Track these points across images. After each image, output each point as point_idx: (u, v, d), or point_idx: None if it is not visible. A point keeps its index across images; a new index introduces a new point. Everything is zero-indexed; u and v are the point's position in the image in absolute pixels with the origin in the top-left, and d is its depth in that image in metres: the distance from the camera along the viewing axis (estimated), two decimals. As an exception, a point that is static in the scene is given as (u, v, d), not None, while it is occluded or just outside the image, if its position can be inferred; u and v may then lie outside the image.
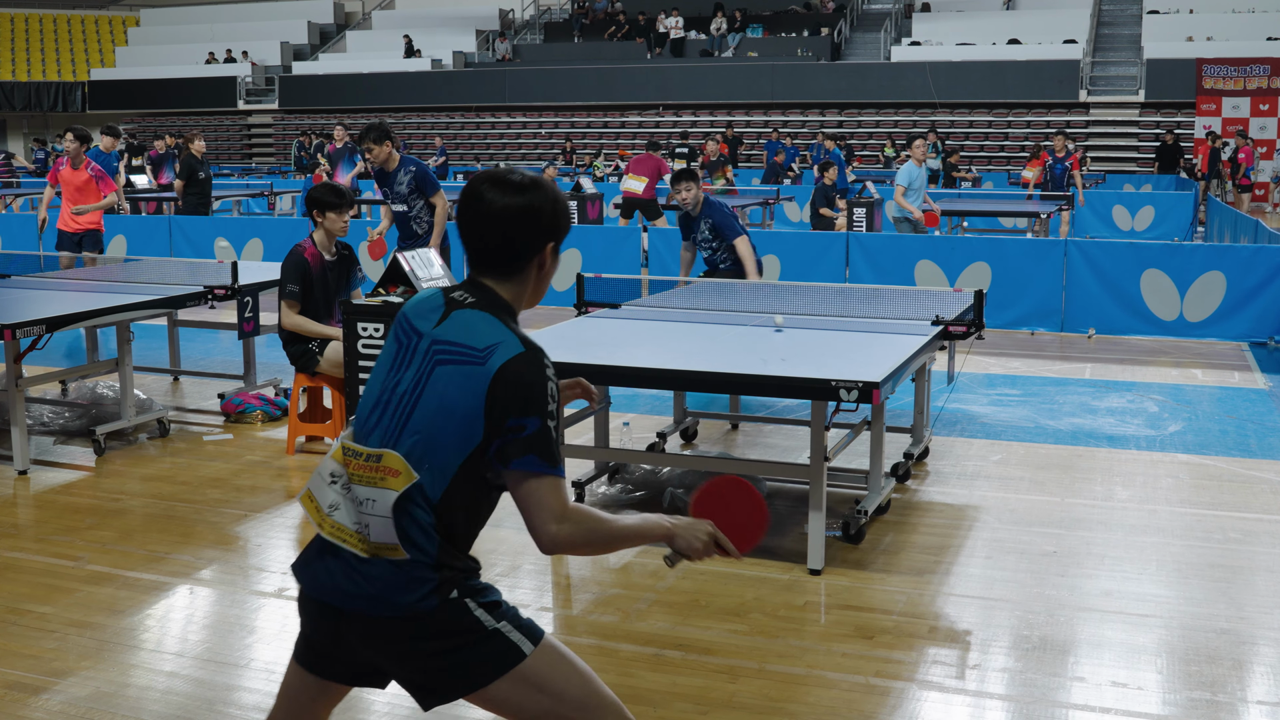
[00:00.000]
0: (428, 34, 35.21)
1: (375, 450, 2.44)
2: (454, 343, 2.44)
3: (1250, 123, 25.56)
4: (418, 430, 2.41)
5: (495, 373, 2.37)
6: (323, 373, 6.68)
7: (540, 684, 2.48)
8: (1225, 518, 5.56)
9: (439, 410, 2.40)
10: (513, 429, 2.38)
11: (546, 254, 2.52)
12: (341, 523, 2.46)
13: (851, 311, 6.35)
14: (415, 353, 2.48)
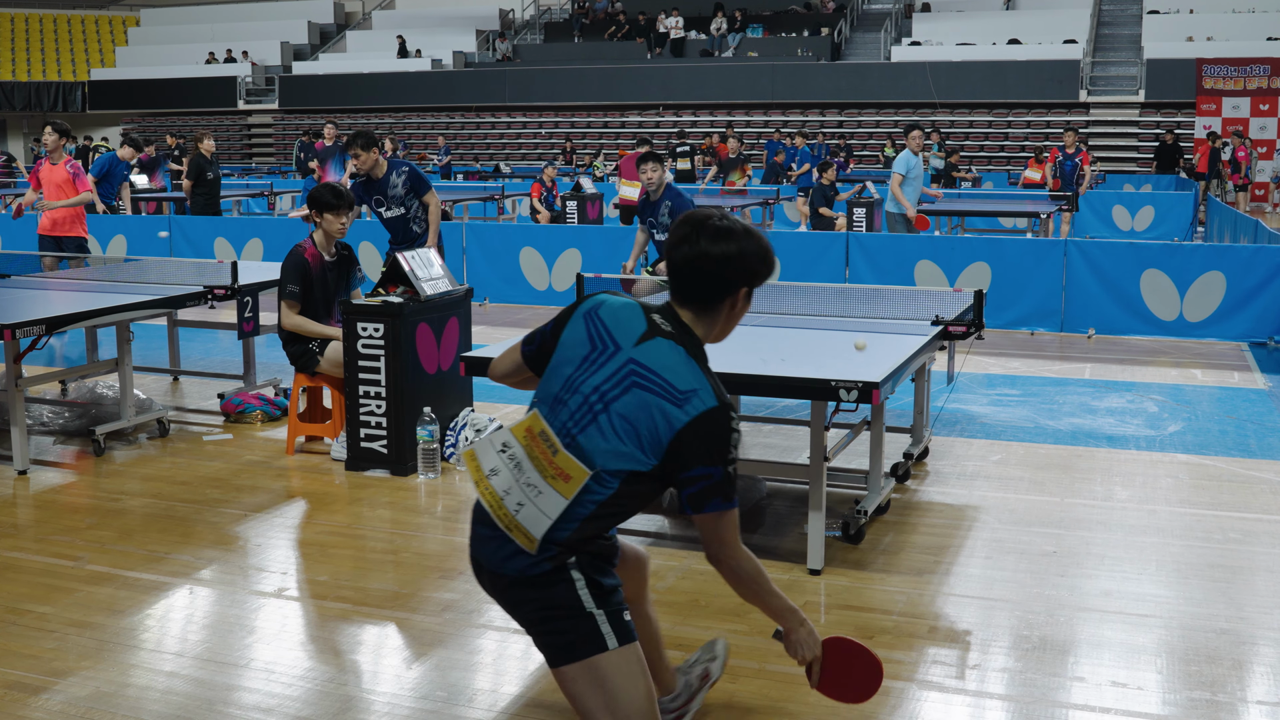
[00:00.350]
0: (428, 34, 35.22)
1: (555, 443, 2.69)
2: (654, 372, 2.66)
3: (1250, 123, 25.57)
4: (599, 436, 2.66)
5: (690, 421, 2.61)
6: (323, 373, 6.68)
7: (604, 682, 2.66)
8: (1225, 518, 5.56)
9: (626, 430, 2.64)
10: (701, 476, 2.63)
11: (740, 296, 2.78)
12: (495, 489, 2.73)
13: (851, 311, 6.35)
14: (610, 361, 2.72)
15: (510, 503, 2.71)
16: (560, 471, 2.67)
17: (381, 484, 6.12)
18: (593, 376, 2.70)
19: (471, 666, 4.08)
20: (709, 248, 2.72)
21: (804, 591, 4.69)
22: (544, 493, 2.68)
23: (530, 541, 2.69)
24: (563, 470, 2.67)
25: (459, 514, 5.71)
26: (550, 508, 2.67)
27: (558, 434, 2.69)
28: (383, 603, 4.59)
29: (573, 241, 12.35)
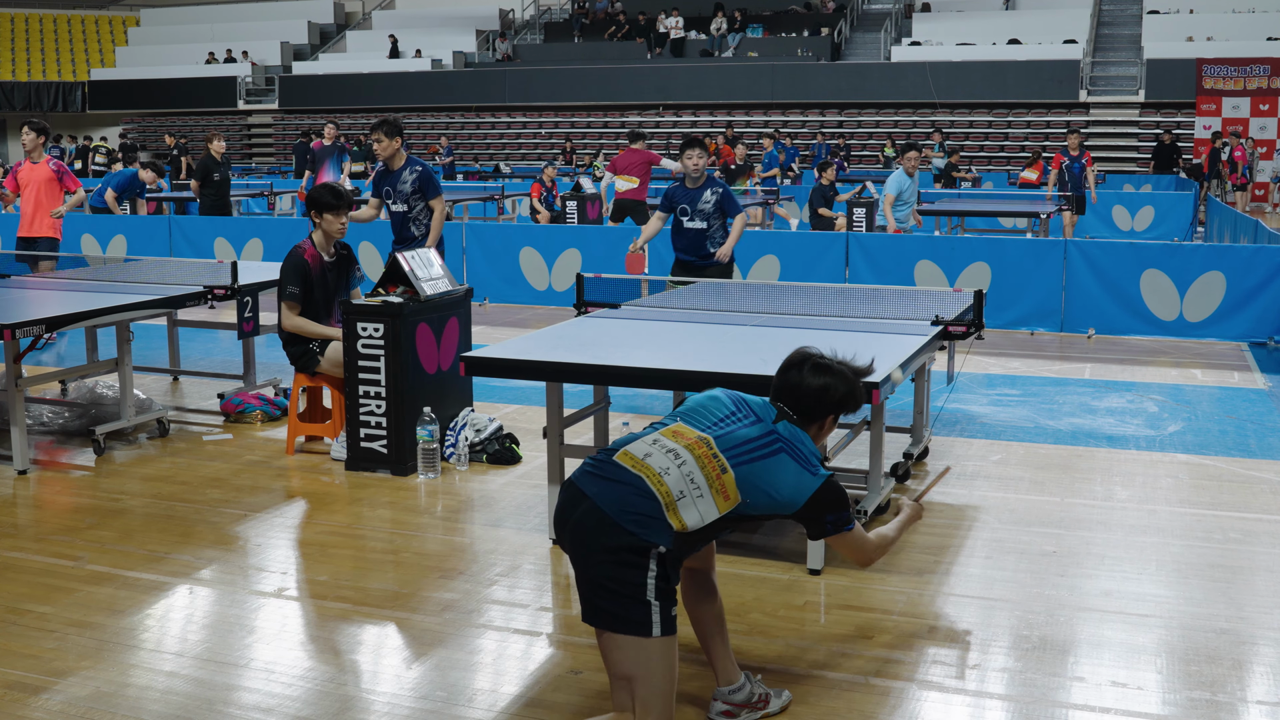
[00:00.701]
0: (428, 34, 35.22)
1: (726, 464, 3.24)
2: (795, 444, 3.33)
3: (1250, 123, 25.57)
4: (747, 481, 3.23)
5: (822, 484, 3.30)
6: (323, 373, 6.68)
7: (639, 659, 3.13)
8: (1225, 518, 5.56)
9: (769, 483, 3.26)
10: (833, 521, 3.36)
11: (828, 421, 3.49)
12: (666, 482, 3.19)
13: (851, 311, 6.35)
14: (755, 426, 3.34)
15: (673, 484, 3.18)
16: (724, 489, 3.21)
17: (381, 484, 6.12)
18: (742, 431, 3.32)
19: (471, 666, 4.08)
20: (810, 379, 3.43)
21: (804, 591, 4.69)
22: (705, 497, 3.20)
23: (682, 525, 3.17)
24: (725, 489, 3.22)
25: (459, 514, 5.72)
26: (707, 512, 3.20)
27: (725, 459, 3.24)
28: (383, 603, 4.59)
29: (572, 241, 12.35)
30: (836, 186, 16.36)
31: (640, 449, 3.26)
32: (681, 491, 3.17)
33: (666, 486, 3.17)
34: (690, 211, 8.23)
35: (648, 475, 3.19)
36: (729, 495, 3.20)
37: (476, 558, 5.09)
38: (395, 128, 8.40)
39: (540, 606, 4.60)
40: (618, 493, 3.16)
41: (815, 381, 3.42)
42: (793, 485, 3.27)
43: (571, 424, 5.43)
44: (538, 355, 5.07)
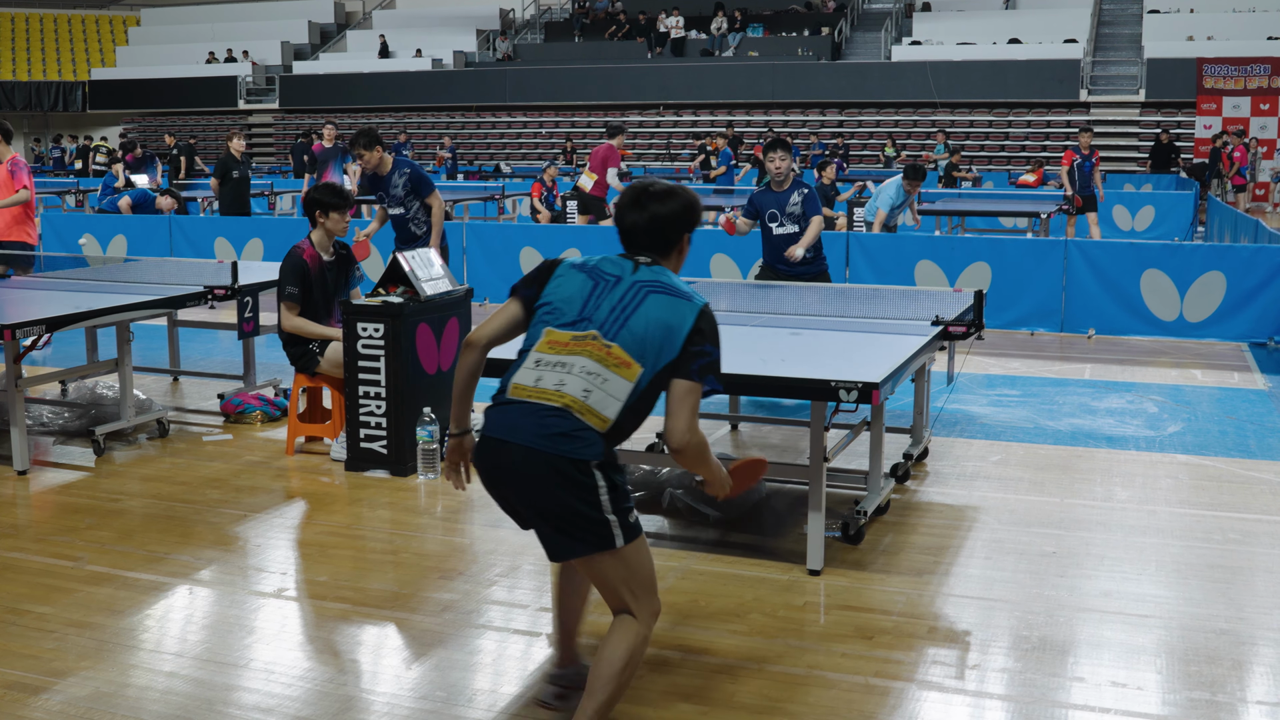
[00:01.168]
0: (428, 34, 35.22)
1: (608, 342, 3.22)
2: (659, 282, 3.31)
3: (1250, 122, 25.56)
4: (633, 336, 3.22)
5: (701, 309, 3.27)
6: (323, 373, 6.68)
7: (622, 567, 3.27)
8: (1225, 518, 5.56)
9: (655, 324, 3.23)
10: (708, 353, 3.25)
11: (685, 241, 3.46)
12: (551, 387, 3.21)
13: (851, 311, 6.35)
14: (615, 288, 3.31)
15: (574, 390, 3.19)
16: (621, 360, 3.21)
17: (381, 484, 6.12)
18: (606, 300, 3.29)
19: (471, 666, 4.08)
20: (659, 209, 3.38)
21: (804, 592, 4.69)
22: (610, 379, 3.20)
23: (603, 420, 3.19)
24: (622, 359, 3.21)
25: (459, 514, 5.72)
26: (618, 389, 3.20)
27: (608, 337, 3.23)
28: (383, 603, 4.59)
29: (573, 241, 12.35)
30: (838, 186, 16.34)
31: (528, 377, 3.26)
32: (586, 389, 3.19)
33: (569, 396, 3.19)
34: (779, 216, 7.85)
35: (547, 397, 3.21)
36: (628, 363, 3.20)
37: (476, 558, 5.09)
38: (373, 138, 8.43)
39: (540, 606, 4.60)
40: (534, 424, 3.19)
41: (664, 208, 3.39)
42: (672, 316, 3.25)
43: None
44: (537, 355, 5.06)
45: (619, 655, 3.27)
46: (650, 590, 3.34)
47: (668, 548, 5.22)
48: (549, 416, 3.18)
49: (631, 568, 3.29)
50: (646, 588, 3.33)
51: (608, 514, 3.21)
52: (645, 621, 3.33)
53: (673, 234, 3.41)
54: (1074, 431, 7.14)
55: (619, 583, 3.30)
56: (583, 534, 3.21)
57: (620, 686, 3.28)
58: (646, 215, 3.38)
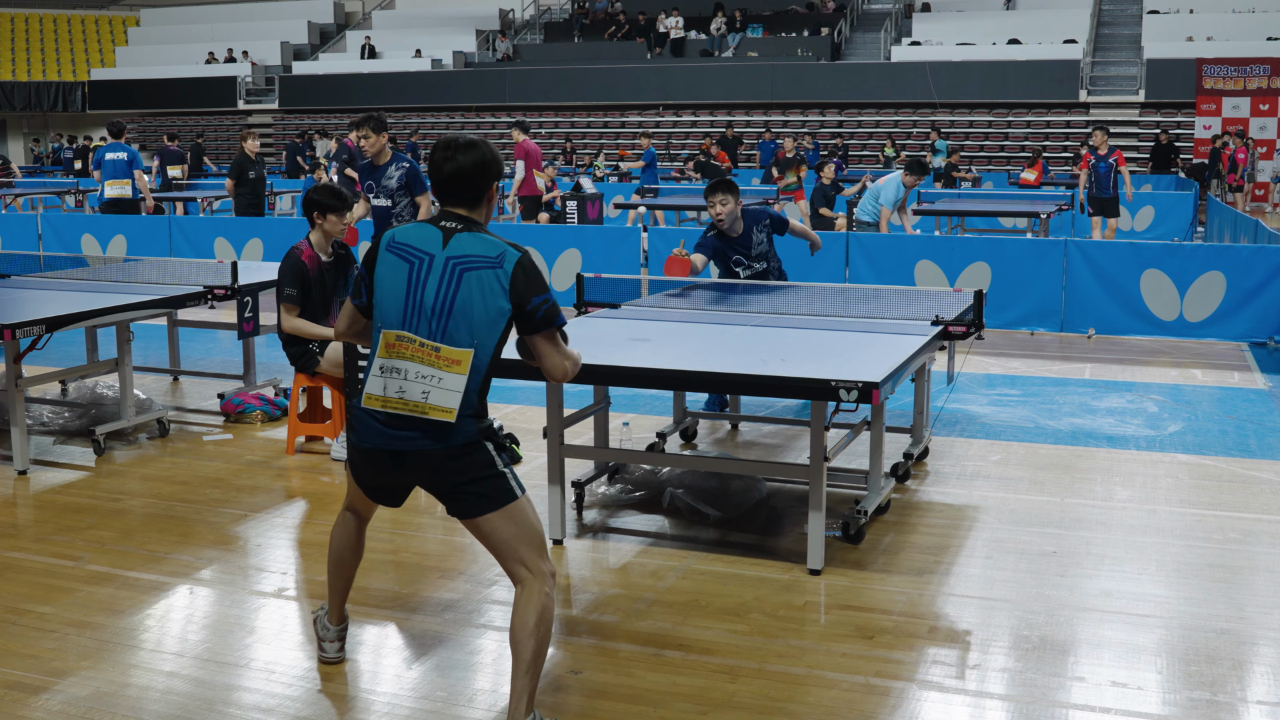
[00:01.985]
0: (428, 34, 35.21)
1: (433, 343, 3.41)
2: (470, 255, 3.43)
3: (1250, 123, 25.56)
4: (462, 321, 3.40)
5: (514, 269, 3.41)
6: (323, 373, 6.68)
7: (516, 520, 3.51)
8: (1225, 518, 5.56)
9: (477, 306, 3.40)
10: (541, 304, 3.45)
11: (493, 190, 3.60)
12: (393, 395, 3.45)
13: (851, 311, 6.35)
14: (432, 269, 3.45)
15: (414, 394, 3.43)
16: (450, 359, 3.41)
17: (381, 484, 6.11)
18: (428, 288, 3.44)
19: (471, 666, 4.08)
20: (464, 159, 3.53)
21: (804, 591, 4.69)
22: (443, 378, 3.42)
23: (449, 413, 3.41)
24: (451, 359, 3.41)
25: (459, 514, 5.71)
26: (454, 385, 3.41)
27: (430, 338, 3.43)
28: (383, 603, 4.59)
29: (572, 241, 12.34)
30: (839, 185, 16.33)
31: (376, 387, 3.50)
32: (424, 391, 3.42)
33: (413, 401, 3.44)
34: (746, 260, 7.15)
35: (395, 406, 3.46)
36: (458, 359, 3.41)
37: (476, 558, 5.09)
38: (381, 123, 8.46)
39: (540, 606, 4.59)
40: (409, 428, 3.46)
41: (468, 157, 3.54)
42: (489, 292, 3.41)
43: (571, 424, 5.43)
44: (538, 355, 5.06)
45: (531, 617, 3.45)
46: (543, 548, 3.55)
47: (668, 548, 5.22)
48: (413, 422, 3.44)
49: (520, 524, 3.51)
50: (537, 545, 3.53)
51: (501, 468, 3.51)
52: (544, 580, 3.51)
53: (482, 182, 3.55)
54: (1074, 431, 7.14)
55: (512, 542, 3.50)
56: (488, 491, 3.48)
57: (539, 644, 3.46)
58: (454, 165, 3.53)
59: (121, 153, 14.75)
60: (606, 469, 6.00)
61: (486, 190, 3.58)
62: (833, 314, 6.28)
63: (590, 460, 5.94)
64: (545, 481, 5.29)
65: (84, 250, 14.00)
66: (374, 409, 3.50)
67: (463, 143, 3.58)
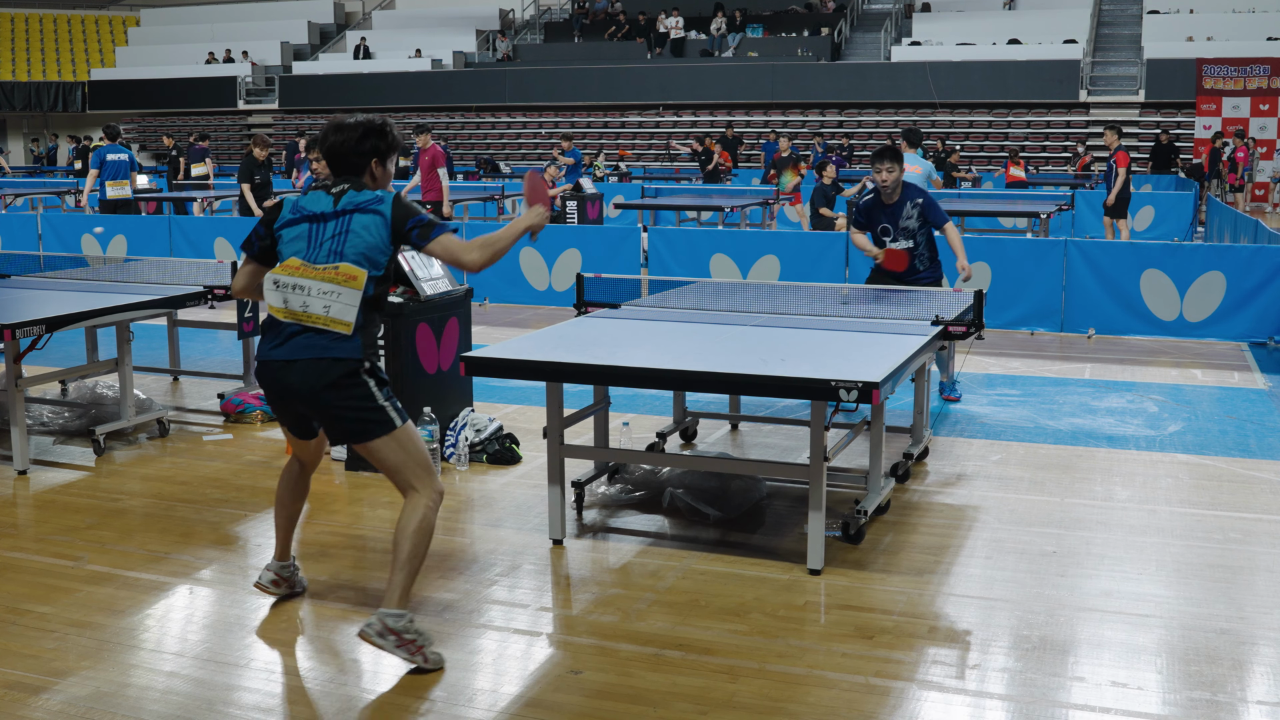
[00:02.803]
0: (428, 34, 35.22)
1: (333, 264, 3.95)
2: (354, 203, 4.04)
3: (1250, 123, 25.56)
4: (355, 249, 3.98)
5: (390, 204, 4.05)
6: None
7: (401, 445, 4.02)
8: (1225, 518, 5.56)
9: (364, 240, 3.99)
10: (417, 223, 4.04)
11: (374, 165, 4.15)
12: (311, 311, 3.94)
13: (851, 311, 6.35)
14: (326, 221, 4.03)
15: (321, 307, 3.93)
16: (347, 275, 3.94)
17: (381, 484, 6.12)
18: (325, 233, 4.01)
19: (471, 666, 4.08)
20: (336, 138, 4.11)
21: (804, 591, 4.69)
22: (342, 292, 3.93)
23: (346, 326, 3.93)
24: (349, 274, 3.94)
25: (459, 514, 5.72)
26: (353, 299, 3.93)
27: (328, 258, 3.96)
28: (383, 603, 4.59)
29: (573, 241, 12.35)
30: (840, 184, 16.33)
31: (278, 299, 3.98)
32: (326, 305, 3.92)
33: (313, 313, 3.93)
34: (893, 231, 7.36)
35: (299, 317, 3.95)
36: (354, 275, 3.93)
37: (476, 558, 5.09)
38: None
39: (540, 606, 4.60)
40: (302, 342, 3.94)
41: (340, 137, 4.10)
42: (373, 221, 3.99)
43: (571, 424, 5.43)
44: (538, 355, 5.07)
45: (412, 522, 3.98)
46: (429, 470, 4.06)
47: (668, 547, 5.23)
48: (311, 334, 3.94)
49: (408, 449, 4.01)
50: (425, 468, 4.05)
51: (381, 402, 3.99)
52: (429, 496, 4.02)
53: (355, 158, 4.10)
54: (1074, 431, 7.14)
55: (400, 465, 4.01)
56: (366, 421, 3.97)
57: (415, 546, 3.97)
58: (328, 144, 4.11)
59: (122, 154, 14.82)
60: (606, 469, 6.00)
61: (364, 164, 4.12)
62: (833, 314, 6.28)
63: (590, 460, 5.95)
64: (545, 481, 5.29)
65: (84, 250, 14.00)
66: (276, 321, 4.00)
67: (342, 124, 4.14)
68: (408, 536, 3.98)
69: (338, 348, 3.94)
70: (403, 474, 4.03)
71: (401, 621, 3.95)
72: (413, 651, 3.96)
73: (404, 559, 3.96)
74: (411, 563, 3.98)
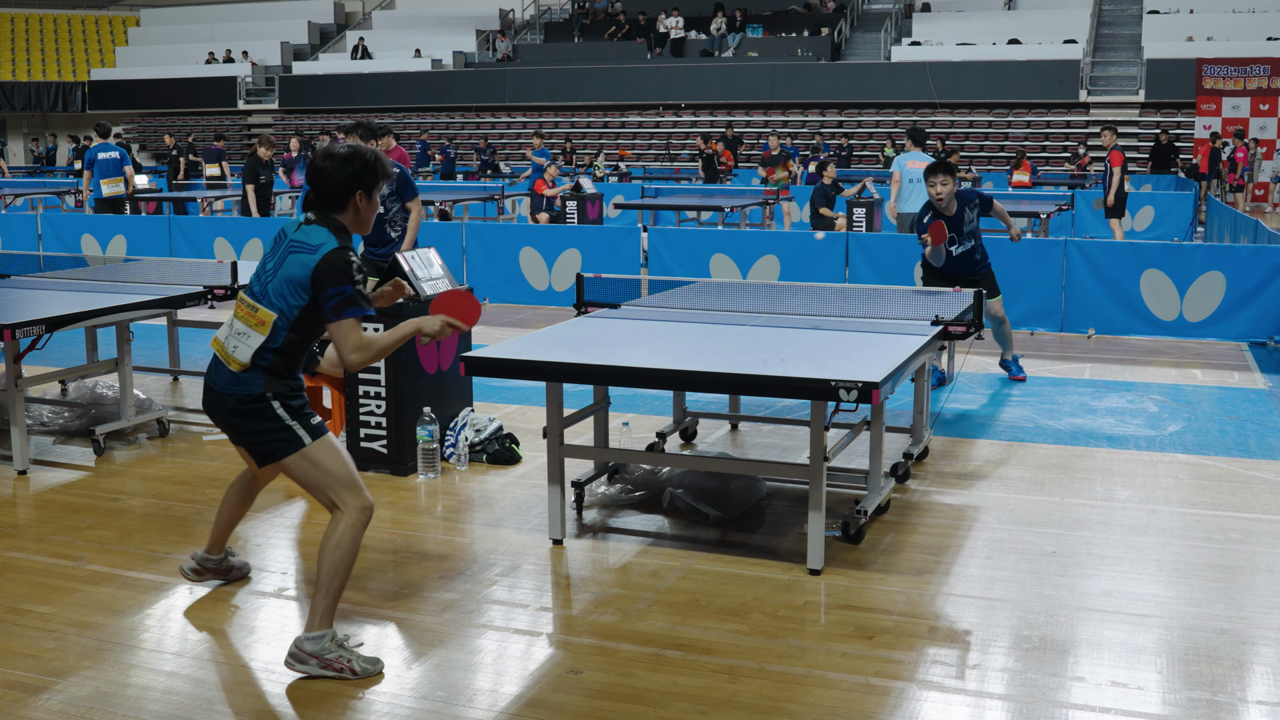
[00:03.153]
0: (428, 34, 35.22)
1: (255, 304, 3.97)
2: (300, 241, 3.95)
3: (1250, 123, 25.57)
4: (276, 293, 3.93)
5: (319, 259, 3.88)
6: (323, 373, 6.68)
7: (314, 462, 3.98)
8: (1225, 518, 5.56)
9: (286, 280, 3.92)
10: (336, 294, 3.87)
11: (358, 198, 4.00)
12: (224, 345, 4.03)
13: (851, 311, 6.35)
14: (280, 247, 4.01)
15: (229, 346, 4.01)
16: (259, 320, 3.95)
17: (381, 484, 6.12)
18: (271, 261, 4.00)
19: (471, 666, 4.08)
20: (319, 164, 3.98)
21: (804, 591, 4.69)
22: (250, 335, 3.96)
23: (240, 365, 3.96)
24: (261, 320, 3.95)
25: (459, 514, 5.72)
26: (253, 342, 3.95)
27: (257, 300, 3.97)
28: (383, 603, 4.59)
29: (572, 241, 12.35)
30: (840, 184, 16.35)
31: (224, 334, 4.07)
32: (234, 345, 3.98)
33: (224, 350, 4.02)
34: (958, 239, 7.58)
35: (219, 350, 4.05)
36: (264, 320, 3.93)
37: (476, 558, 5.09)
38: (371, 130, 8.37)
39: (540, 606, 4.60)
40: (219, 375, 4.05)
41: (322, 164, 3.96)
42: (298, 272, 3.88)
43: (571, 424, 5.43)
44: (538, 355, 5.07)
45: (331, 539, 3.95)
46: (350, 487, 3.99)
47: (668, 547, 5.23)
48: (220, 366, 4.04)
49: (323, 467, 3.97)
50: (346, 484, 3.99)
51: (288, 422, 3.97)
52: (352, 514, 3.97)
53: (337, 189, 3.96)
54: (1074, 431, 7.14)
55: (319, 483, 3.99)
56: (274, 441, 3.98)
57: (334, 564, 3.94)
58: (312, 172, 3.99)
59: (113, 152, 14.86)
60: (606, 469, 6.00)
61: (346, 197, 3.97)
62: (833, 314, 6.28)
63: (590, 460, 5.95)
64: (545, 481, 5.29)
65: (84, 250, 14.00)
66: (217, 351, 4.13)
67: (329, 151, 4.02)
68: (327, 554, 3.93)
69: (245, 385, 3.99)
70: (321, 492, 4.00)
71: (320, 643, 3.94)
72: (340, 669, 3.94)
73: (323, 578, 3.93)
74: (331, 581, 3.94)
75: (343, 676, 3.93)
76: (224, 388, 4.00)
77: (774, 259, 11.60)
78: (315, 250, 3.87)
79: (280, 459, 3.99)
